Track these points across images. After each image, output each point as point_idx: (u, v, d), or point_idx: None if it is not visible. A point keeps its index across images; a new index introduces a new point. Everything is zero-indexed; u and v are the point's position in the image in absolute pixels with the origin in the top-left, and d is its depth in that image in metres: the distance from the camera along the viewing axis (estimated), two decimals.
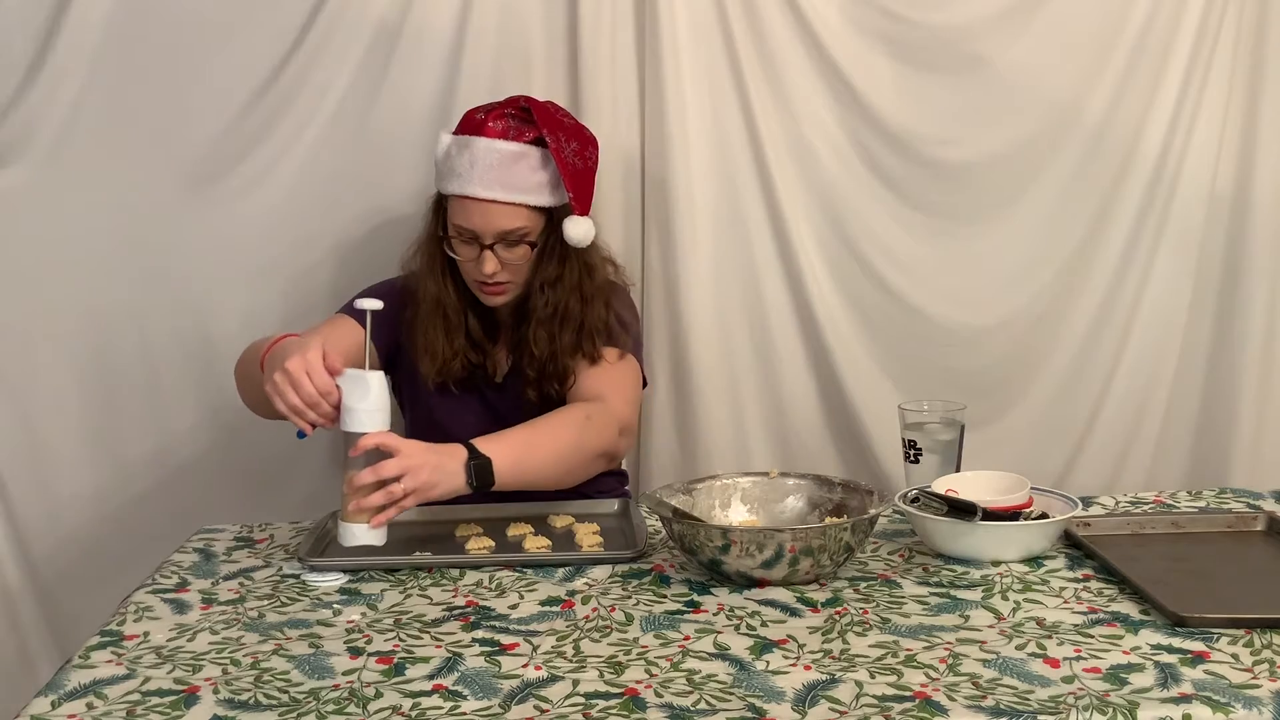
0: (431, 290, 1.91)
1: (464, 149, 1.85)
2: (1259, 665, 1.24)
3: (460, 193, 1.85)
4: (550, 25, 2.16)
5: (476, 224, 1.84)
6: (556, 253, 1.89)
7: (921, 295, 2.28)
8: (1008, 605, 1.43)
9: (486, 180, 1.84)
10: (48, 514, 2.17)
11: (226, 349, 2.16)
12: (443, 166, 1.88)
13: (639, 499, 1.71)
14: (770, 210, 2.23)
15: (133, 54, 2.08)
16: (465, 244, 1.87)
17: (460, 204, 1.85)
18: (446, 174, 1.87)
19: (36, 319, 2.13)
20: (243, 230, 2.14)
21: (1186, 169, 2.25)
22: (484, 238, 1.85)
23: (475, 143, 1.85)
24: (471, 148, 1.84)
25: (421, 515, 1.80)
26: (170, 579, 1.60)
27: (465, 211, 1.85)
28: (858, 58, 2.20)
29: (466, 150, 1.84)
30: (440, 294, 1.91)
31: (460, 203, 1.85)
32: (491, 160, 1.84)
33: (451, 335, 1.91)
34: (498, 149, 1.84)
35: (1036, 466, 2.04)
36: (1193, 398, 2.36)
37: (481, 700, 1.21)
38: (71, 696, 1.24)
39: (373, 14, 2.11)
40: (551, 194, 1.87)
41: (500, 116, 1.87)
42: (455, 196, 1.86)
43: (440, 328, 1.91)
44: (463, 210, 1.85)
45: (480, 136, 1.85)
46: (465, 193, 1.84)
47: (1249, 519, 1.69)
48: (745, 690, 1.22)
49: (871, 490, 1.63)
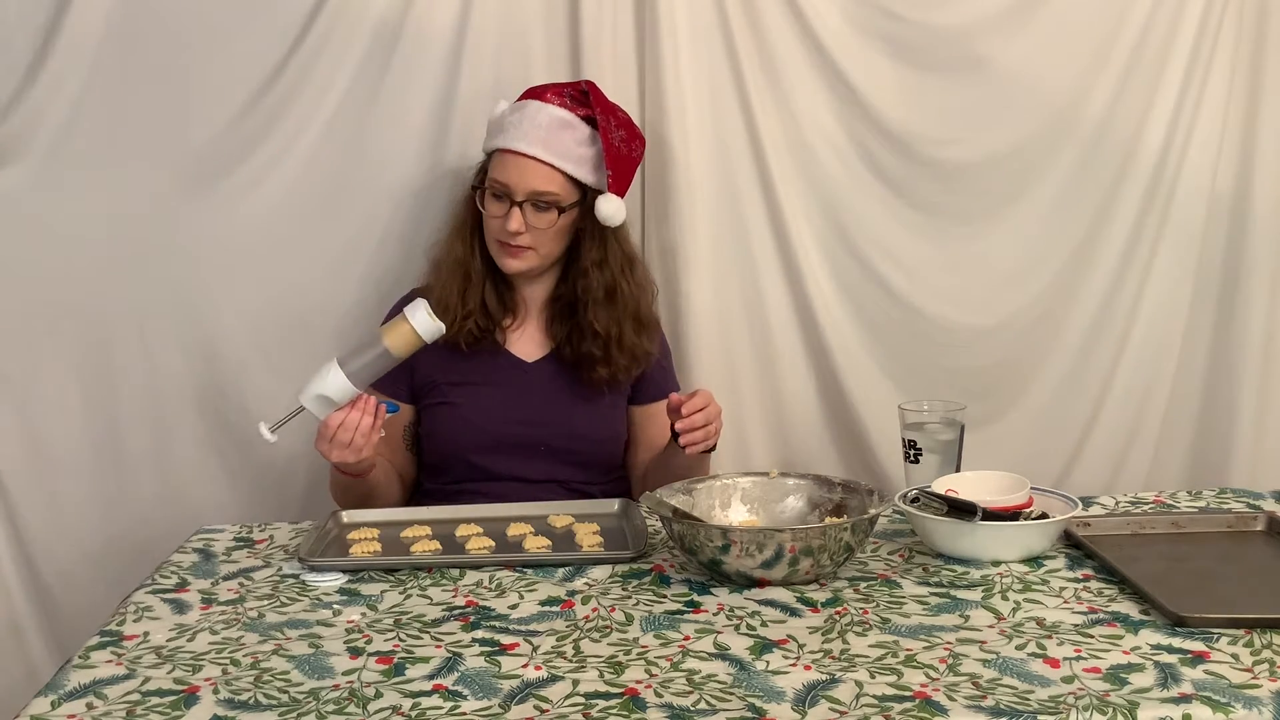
0: (457, 250, 1.96)
1: (518, 110, 1.93)
2: (1259, 665, 1.24)
3: (503, 146, 1.91)
4: (550, 25, 2.16)
5: (512, 179, 1.88)
6: (598, 237, 1.94)
7: (921, 295, 2.28)
8: (1008, 605, 1.43)
9: (530, 138, 1.90)
10: (48, 514, 2.17)
11: (227, 349, 2.16)
12: (493, 126, 1.96)
13: (639, 499, 1.71)
14: (770, 210, 2.23)
15: (133, 54, 2.08)
16: (496, 199, 1.91)
17: (500, 158, 1.91)
18: (495, 131, 1.94)
19: (36, 319, 2.12)
20: (243, 230, 2.14)
21: (1186, 169, 2.25)
22: (515, 193, 1.88)
23: (529, 104, 1.93)
24: (525, 109, 1.92)
25: (422, 515, 1.80)
26: (170, 579, 1.60)
27: (504, 166, 1.90)
28: (858, 58, 2.20)
29: (520, 111, 1.92)
30: (465, 255, 1.96)
31: (501, 157, 1.91)
32: (540, 120, 1.91)
33: (467, 295, 1.94)
34: (548, 112, 1.91)
35: (1036, 466, 2.04)
36: (1193, 398, 2.36)
37: (481, 700, 1.21)
38: (71, 696, 1.24)
39: (373, 14, 2.11)
40: (592, 172, 1.92)
41: (560, 91, 1.95)
42: (498, 151, 1.92)
43: (457, 285, 1.94)
44: (501, 164, 1.91)
45: (536, 100, 1.93)
46: (508, 146, 1.90)
47: (1249, 519, 1.69)
48: (745, 690, 1.22)
49: (871, 490, 1.63)
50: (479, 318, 1.95)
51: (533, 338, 2.00)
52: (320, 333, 2.17)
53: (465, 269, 1.95)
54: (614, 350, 1.94)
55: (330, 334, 2.18)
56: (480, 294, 1.95)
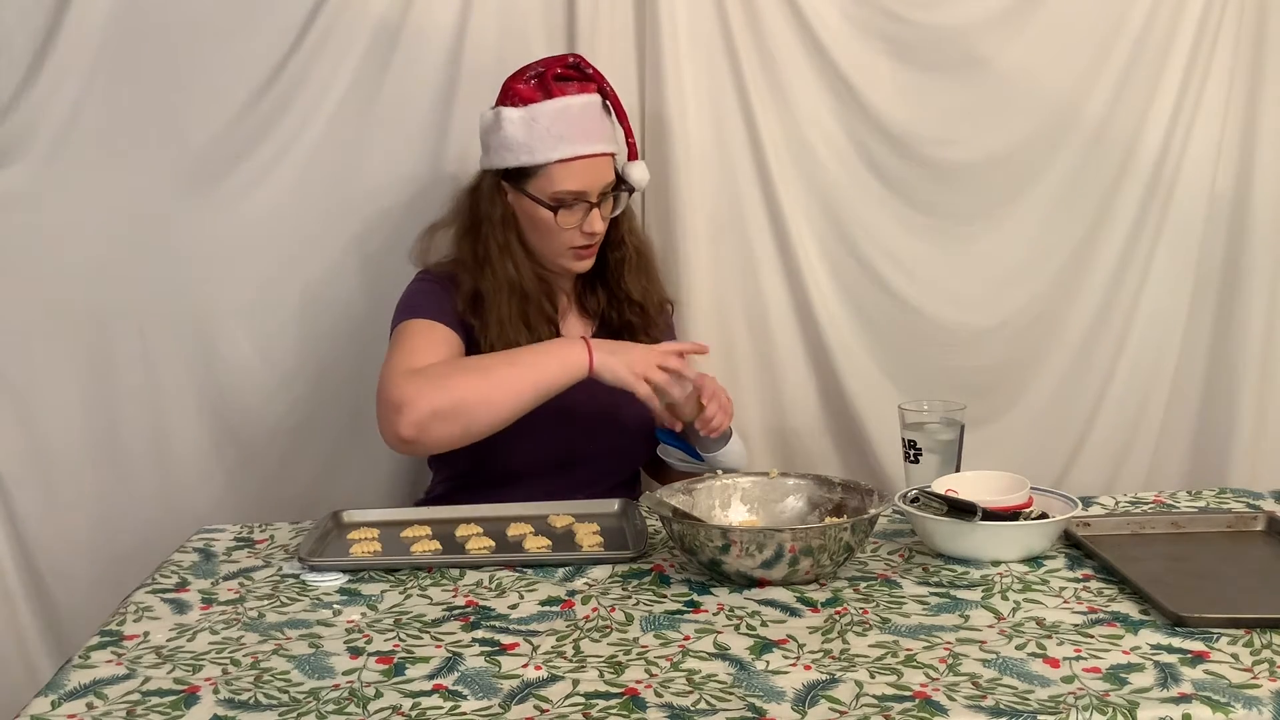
0: (508, 274, 1.85)
1: (556, 114, 1.83)
2: (1259, 665, 1.24)
3: (568, 155, 1.82)
4: (550, 25, 2.16)
5: (588, 183, 1.84)
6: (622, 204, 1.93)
7: (921, 295, 2.28)
8: (1008, 605, 1.43)
9: (590, 136, 1.84)
10: (48, 514, 2.17)
11: (226, 349, 2.16)
12: (523, 139, 1.82)
13: (639, 499, 1.71)
14: (770, 210, 2.23)
15: (133, 54, 2.08)
16: (569, 210, 1.84)
17: (565, 168, 1.83)
18: (535, 145, 1.82)
19: (36, 319, 2.12)
20: (243, 230, 2.14)
21: (1186, 169, 2.25)
22: (591, 195, 1.84)
23: (568, 103, 1.84)
24: (565, 109, 1.83)
25: (422, 515, 1.80)
26: (170, 579, 1.60)
27: (572, 174, 1.83)
28: (858, 58, 2.20)
29: (560, 114, 1.83)
30: (518, 279, 1.86)
31: (566, 167, 1.83)
32: (591, 115, 1.85)
33: (529, 316, 1.86)
34: (586, 103, 1.85)
35: (1036, 466, 2.04)
36: (1192, 398, 2.36)
37: (481, 700, 1.21)
38: (71, 696, 1.24)
39: (373, 14, 2.11)
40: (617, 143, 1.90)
41: (562, 77, 1.86)
42: (558, 163, 1.82)
43: (517, 310, 1.85)
44: (568, 173, 1.83)
45: (563, 97, 1.84)
46: (574, 154, 1.82)
47: (1249, 519, 1.69)
48: (745, 690, 1.22)
49: (871, 490, 1.63)
50: (545, 332, 1.88)
51: (575, 320, 1.99)
52: (320, 333, 2.18)
53: (520, 289, 1.86)
54: (651, 313, 1.96)
55: (330, 334, 2.18)
56: (539, 307, 1.89)
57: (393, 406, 1.69)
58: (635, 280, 1.95)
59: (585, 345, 1.74)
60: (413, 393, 1.69)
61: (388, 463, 2.21)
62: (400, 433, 1.70)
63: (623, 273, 1.94)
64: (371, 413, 2.07)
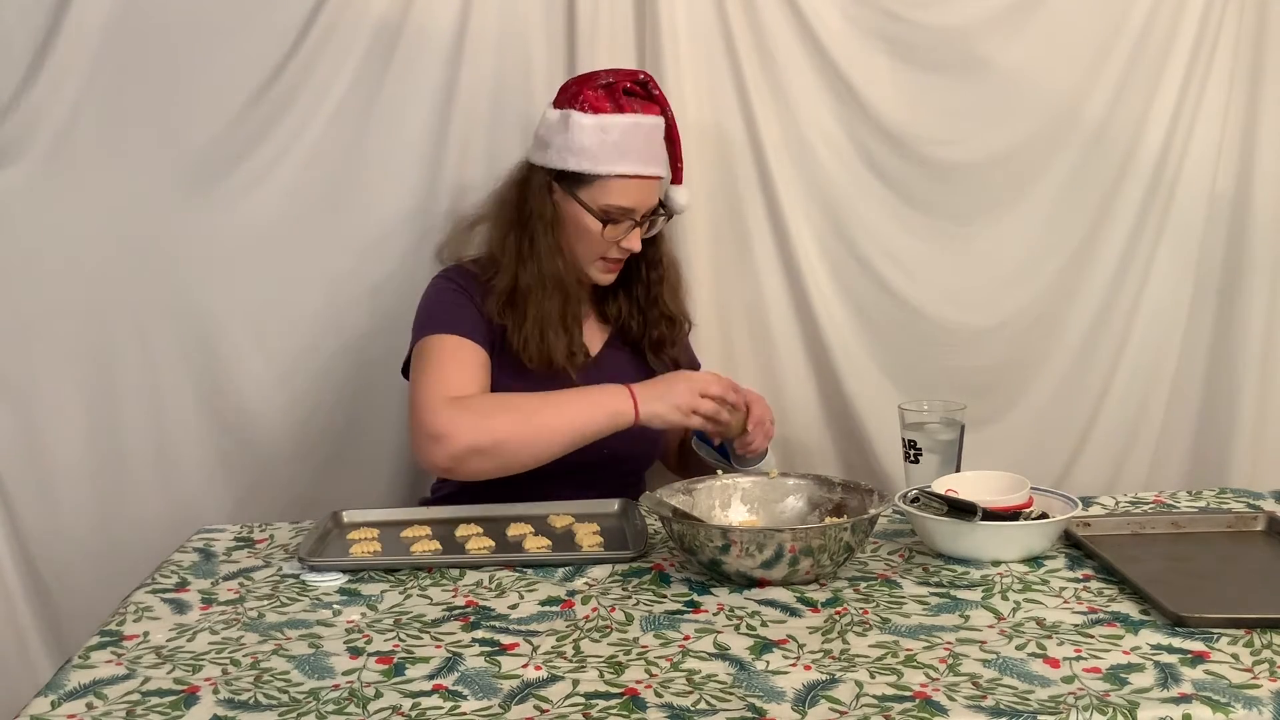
0: (555, 271, 1.86)
1: (628, 130, 1.84)
2: (1259, 665, 1.24)
3: (625, 172, 1.84)
4: (550, 25, 2.16)
5: (639, 201, 1.86)
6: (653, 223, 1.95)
7: (921, 295, 2.28)
8: (1008, 605, 1.43)
9: (651, 158, 1.87)
10: (48, 514, 2.17)
11: (226, 349, 2.16)
12: (591, 147, 1.83)
13: (639, 499, 1.72)
14: (770, 210, 2.23)
15: (133, 54, 2.08)
16: (615, 224, 1.86)
17: (623, 184, 1.84)
18: (601, 155, 1.83)
19: (36, 319, 2.12)
20: (243, 230, 2.14)
21: (1186, 169, 2.25)
22: (638, 214, 1.87)
23: (640, 121, 1.86)
24: (637, 127, 1.85)
25: (422, 515, 1.80)
26: (170, 579, 1.60)
27: (627, 191, 1.85)
28: (858, 58, 2.20)
29: (631, 131, 1.85)
30: (565, 278, 1.88)
31: (624, 183, 1.84)
32: (655, 138, 1.88)
33: (567, 316, 1.88)
34: (654, 125, 1.88)
35: (1036, 466, 2.04)
36: (1193, 398, 2.36)
37: (481, 700, 1.21)
38: (71, 696, 1.24)
39: (373, 14, 2.11)
40: None
41: (630, 92, 1.87)
42: (618, 177, 1.84)
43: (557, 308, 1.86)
44: (624, 190, 1.85)
45: (633, 114, 1.85)
46: (631, 172, 1.84)
47: (1249, 519, 1.69)
48: (745, 690, 1.22)
49: (871, 490, 1.63)
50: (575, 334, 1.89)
51: (594, 326, 2.00)
52: (320, 333, 2.18)
53: (563, 288, 1.87)
54: (680, 329, 2.00)
55: (330, 334, 2.18)
56: (575, 309, 1.90)
57: (432, 437, 1.71)
58: (673, 298, 2.00)
59: (630, 395, 1.75)
60: (453, 426, 1.70)
61: (388, 463, 2.21)
62: (437, 463, 1.73)
63: (661, 291, 1.97)
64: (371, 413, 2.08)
